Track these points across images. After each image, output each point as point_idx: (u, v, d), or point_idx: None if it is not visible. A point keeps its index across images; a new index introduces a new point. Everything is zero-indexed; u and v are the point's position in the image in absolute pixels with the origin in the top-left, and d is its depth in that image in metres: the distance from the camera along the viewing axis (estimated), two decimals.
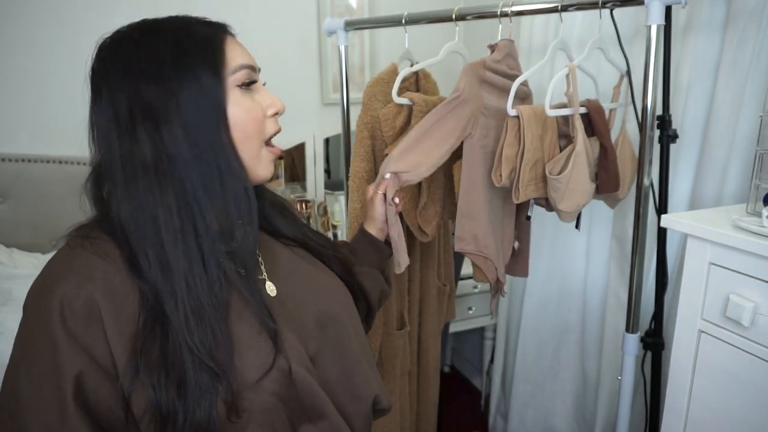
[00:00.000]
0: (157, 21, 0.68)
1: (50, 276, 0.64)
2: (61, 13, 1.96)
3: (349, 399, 0.76)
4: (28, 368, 0.61)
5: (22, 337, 0.63)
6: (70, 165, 2.06)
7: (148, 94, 0.63)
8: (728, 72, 1.25)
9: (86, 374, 0.60)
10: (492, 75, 1.16)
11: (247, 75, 0.69)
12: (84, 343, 0.60)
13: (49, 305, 0.60)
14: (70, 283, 0.61)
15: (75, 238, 0.66)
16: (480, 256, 1.21)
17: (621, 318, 1.56)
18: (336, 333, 0.77)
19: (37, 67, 1.98)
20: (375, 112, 1.27)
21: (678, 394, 1.04)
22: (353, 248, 1.08)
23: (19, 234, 2.04)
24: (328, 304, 0.80)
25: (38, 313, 0.62)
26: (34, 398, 0.59)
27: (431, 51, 1.29)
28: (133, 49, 0.65)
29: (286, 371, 0.66)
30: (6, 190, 2.02)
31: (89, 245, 0.64)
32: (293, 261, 0.83)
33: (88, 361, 0.60)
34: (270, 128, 0.73)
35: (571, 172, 1.11)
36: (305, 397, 0.68)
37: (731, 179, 1.25)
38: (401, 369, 1.48)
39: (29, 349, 0.61)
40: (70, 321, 0.59)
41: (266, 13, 2.21)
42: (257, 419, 0.65)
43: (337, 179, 2.35)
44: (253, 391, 0.64)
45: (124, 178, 0.63)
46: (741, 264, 0.90)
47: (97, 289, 0.61)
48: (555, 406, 1.93)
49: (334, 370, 0.75)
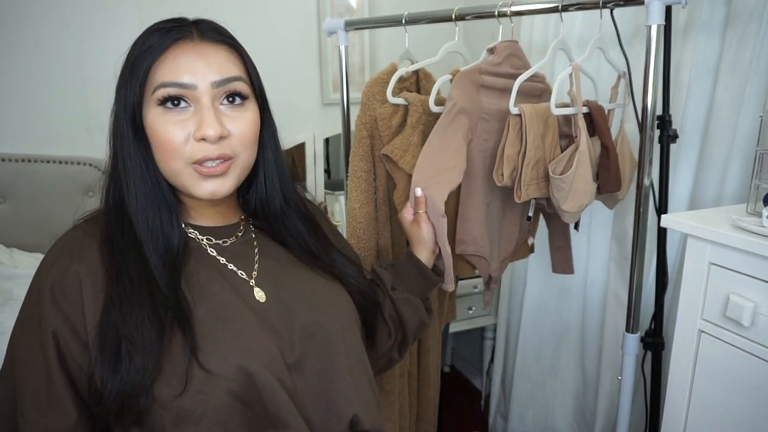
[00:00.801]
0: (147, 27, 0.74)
1: (52, 254, 0.72)
2: (63, 13, 1.96)
3: (322, 414, 0.74)
4: (21, 336, 0.70)
5: (22, 308, 0.71)
6: (70, 165, 2.06)
7: (115, 100, 0.73)
8: (728, 72, 1.25)
9: (59, 331, 0.66)
10: (491, 78, 1.16)
11: (164, 93, 0.69)
12: (66, 312, 0.66)
13: (44, 282, 0.68)
14: (64, 263, 0.69)
15: (81, 221, 0.76)
16: (477, 255, 1.22)
17: (621, 318, 1.56)
18: (322, 344, 0.76)
19: (37, 67, 1.98)
20: (373, 112, 1.27)
21: (678, 394, 1.04)
22: (399, 272, 1.04)
23: (19, 234, 2.04)
24: (319, 314, 0.78)
25: (35, 289, 0.70)
26: (26, 363, 0.68)
27: (431, 51, 1.29)
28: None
29: (249, 374, 0.67)
30: (6, 190, 2.02)
31: (87, 227, 0.74)
32: (294, 269, 0.83)
33: (63, 322, 0.66)
34: (195, 152, 0.70)
35: (575, 171, 1.11)
36: (268, 404, 0.68)
37: (731, 179, 1.25)
38: (401, 369, 1.48)
39: (23, 317, 0.70)
40: (58, 296, 0.67)
41: (266, 13, 2.21)
42: (210, 416, 0.65)
43: (337, 179, 2.35)
44: (208, 386, 0.65)
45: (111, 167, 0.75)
46: (741, 264, 0.90)
47: (83, 267, 0.68)
48: (555, 405, 1.93)
49: (313, 382, 0.74)
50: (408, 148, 1.23)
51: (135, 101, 0.70)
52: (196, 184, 0.72)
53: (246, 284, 0.77)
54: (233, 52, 0.74)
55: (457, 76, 1.13)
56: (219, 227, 0.81)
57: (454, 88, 1.12)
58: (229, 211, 0.83)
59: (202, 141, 0.69)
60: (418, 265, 1.03)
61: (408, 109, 1.26)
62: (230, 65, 0.72)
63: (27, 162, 2.02)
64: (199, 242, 0.78)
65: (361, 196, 1.27)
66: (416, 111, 1.23)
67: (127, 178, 0.72)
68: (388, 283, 1.00)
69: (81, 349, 0.66)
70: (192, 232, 0.78)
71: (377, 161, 1.30)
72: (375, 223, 1.32)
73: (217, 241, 0.80)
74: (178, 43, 0.70)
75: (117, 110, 0.73)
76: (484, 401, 2.36)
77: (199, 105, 0.70)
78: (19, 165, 2.01)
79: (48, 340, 0.66)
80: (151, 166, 0.73)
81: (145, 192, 0.72)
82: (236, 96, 0.72)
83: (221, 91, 0.71)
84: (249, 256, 0.81)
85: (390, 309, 0.99)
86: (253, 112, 0.75)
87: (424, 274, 1.03)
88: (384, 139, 1.27)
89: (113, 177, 0.74)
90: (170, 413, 0.64)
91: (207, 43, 0.72)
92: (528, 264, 1.89)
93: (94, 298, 0.67)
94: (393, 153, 1.23)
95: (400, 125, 1.28)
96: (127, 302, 0.66)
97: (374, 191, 1.32)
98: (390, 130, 1.26)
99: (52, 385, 0.66)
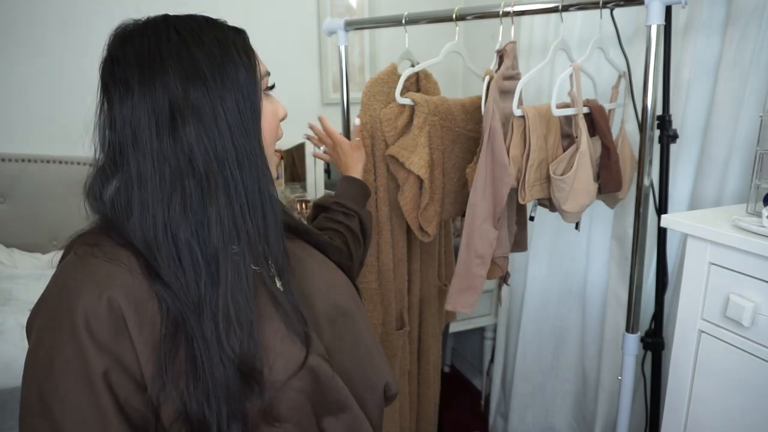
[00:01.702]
0: (189, 19, 0.66)
1: (67, 290, 0.59)
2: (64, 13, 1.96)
3: (364, 389, 0.76)
4: (57, 384, 0.56)
5: (45, 351, 0.57)
6: (70, 165, 2.06)
7: (195, 94, 0.61)
8: (728, 72, 1.25)
9: (111, 372, 0.57)
10: (507, 83, 1.16)
11: (268, 80, 0.72)
12: (112, 350, 0.57)
13: (74, 320, 0.56)
14: (92, 294, 0.57)
15: (82, 247, 0.61)
16: (503, 257, 1.25)
17: (621, 318, 1.56)
18: (346, 324, 0.78)
19: (38, 67, 1.98)
20: (374, 112, 1.27)
21: (678, 394, 1.04)
22: (344, 193, 1.14)
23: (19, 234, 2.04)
24: (336, 296, 0.80)
25: (61, 330, 0.57)
26: (71, 415, 0.56)
27: (431, 51, 1.29)
28: (170, 46, 0.62)
29: (312, 367, 0.67)
30: (6, 190, 2.02)
31: (100, 253, 0.60)
32: (296, 255, 0.82)
33: (113, 362, 0.57)
34: (280, 133, 0.75)
35: (576, 172, 1.11)
36: (328, 391, 0.68)
37: (731, 179, 1.25)
38: (401, 369, 1.48)
39: (54, 362, 0.57)
40: (97, 332, 0.56)
41: (266, 13, 2.21)
42: (284, 415, 0.65)
43: (336, 179, 2.35)
44: (281, 390, 0.64)
45: (159, 180, 0.60)
46: (741, 264, 0.90)
47: (118, 294, 0.58)
48: (555, 405, 1.93)
49: (348, 361, 0.75)
50: (415, 149, 1.23)
51: (255, 87, 0.67)
52: (274, 169, 0.74)
53: (267, 273, 0.74)
54: None
55: (491, 94, 1.13)
56: None
57: (489, 111, 1.13)
58: None
59: (281, 121, 0.75)
60: (359, 183, 1.18)
61: (414, 109, 1.25)
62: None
63: (27, 162, 2.02)
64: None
65: None
66: (422, 112, 1.23)
67: (243, 176, 0.64)
68: (354, 207, 1.12)
69: (135, 388, 0.58)
70: None
71: (377, 161, 1.30)
72: (376, 223, 1.32)
73: None
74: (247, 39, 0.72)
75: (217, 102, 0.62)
76: (484, 401, 2.36)
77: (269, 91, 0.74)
78: (19, 165, 2.02)
79: (98, 385, 0.56)
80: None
81: (271, 193, 0.68)
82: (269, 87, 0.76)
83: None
84: None
85: (357, 226, 1.11)
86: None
87: (364, 189, 1.19)
88: (388, 139, 1.26)
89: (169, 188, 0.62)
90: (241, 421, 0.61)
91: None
92: (528, 264, 1.89)
93: (141, 329, 0.58)
94: (399, 154, 1.23)
95: (405, 126, 1.27)
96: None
97: (374, 191, 1.32)
98: (395, 131, 1.26)
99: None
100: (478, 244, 1.17)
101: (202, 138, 0.61)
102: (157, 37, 0.63)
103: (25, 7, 1.94)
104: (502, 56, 1.16)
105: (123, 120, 0.61)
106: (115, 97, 0.62)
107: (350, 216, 1.10)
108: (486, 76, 1.15)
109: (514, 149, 1.12)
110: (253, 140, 0.65)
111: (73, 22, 1.98)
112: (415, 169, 1.22)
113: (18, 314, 1.60)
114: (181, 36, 0.63)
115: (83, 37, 1.97)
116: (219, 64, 0.63)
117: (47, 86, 2.01)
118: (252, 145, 0.65)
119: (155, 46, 0.62)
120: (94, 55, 0.68)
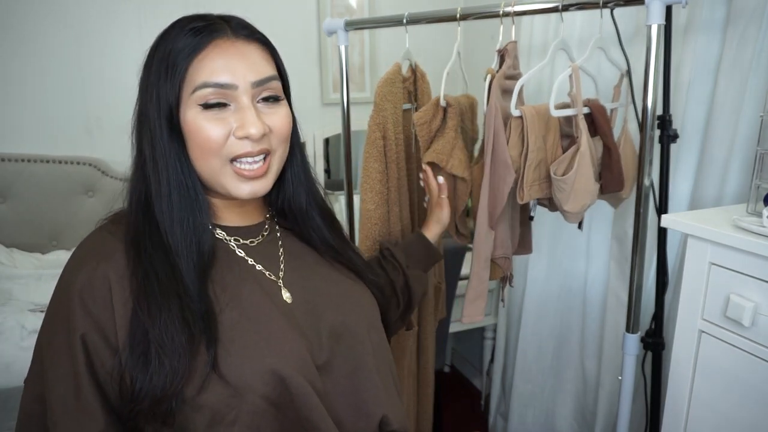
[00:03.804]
0: (172, 23, 0.72)
1: (78, 255, 0.71)
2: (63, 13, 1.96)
3: (352, 415, 0.74)
4: (48, 340, 0.68)
5: (49, 310, 0.70)
6: (70, 165, 2.06)
7: (141, 99, 0.71)
8: (728, 72, 1.25)
9: (88, 336, 0.65)
10: (509, 82, 1.16)
11: (209, 95, 0.68)
12: (95, 316, 0.65)
13: (72, 284, 0.67)
14: (91, 264, 0.67)
15: (105, 222, 0.74)
16: (504, 257, 1.25)
17: (621, 318, 1.56)
18: (350, 345, 0.77)
19: (38, 67, 1.98)
20: (386, 113, 1.27)
21: (678, 394, 1.04)
22: (407, 248, 1.12)
23: (19, 234, 2.04)
24: (346, 314, 0.78)
25: (62, 291, 0.68)
26: (53, 368, 0.66)
27: (431, 51, 1.29)
28: (148, 52, 0.72)
29: (282, 378, 0.66)
30: (6, 190, 2.02)
31: (112, 227, 0.72)
32: (319, 268, 0.82)
33: (93, 326, 0.65)
34: (235, 149, 0.70)
35: (577, 172, 1.11)
36: (301, 407, 0.68)
37: (731, 179, 1.25)
38: (408, 370, 1.48)
39: (50, 320, 0.69)
40: (87, 300, 0.66)
41: (266, 13, 2.21)
42: (243, 420, 0.65)
43: (337, 179, 2.35)
44: (241, 390, 0.65)
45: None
46: (741, 264, 0.90)
47: (111, 270, 0.67)
48: (555, 405, 1.93)
49: (343, 383, 0.74)
50: (452, 152, 1.22)
51: (172, 100, 0.68)
52: (236, 184, 0.72)
53: (274, 285, 0.76)
54: (266, 50, 0.76)
55: (493, 95, 1.13)
56: (246, 227, 0.80)
57: (490, 114, 1.12)
58: (255, 211, 0.83)
59: (245, 139, 0.70)
60: (426, 243, 1.15)
61: (446, 111, 1.25)
62: (266, 64, 0.74)
63: (27, 162, 2.02)
64: (227, 243, 0.77)
65: (376, 197, 1.26)
66: (456, 113, 1.23)
67: (159, 179, 0.69)
68: (403, 261, 1.09)
69: (110, 353, 0.65)
70: (219, 233, 0.77)
71: (389, 162, 1.29)
72: (388, 224, 1.32)
73: (245, 241, 0.79)
74: (216, 42, 0.70)
75: (147, 109, 0.70)
76: (484, 401, 2.36)
77: (239, 104, 0.70)
78: (19, 165, 2.01)
79: (76, 345, 0.65)
80: (186, 166, 0.71)
81: (180, 193, 0.70)
82: (273, 96, 0.73)
83: (259, 91, 0.72)
84: (275, 256, 0.80)
85: (402, 284, 1.07)
86: (286, 107, 0.77)
87: (430, 251, 1.16)
88: (423, 143, 1.25)
89: (139, 178, 0.72)
90: (202, 416, 0.64)
91: (242, 41, 0.72)
92: (528, 264, 1.89)
93: (124, 302, 0.66)
94: (439, 159, 1.22)
95: (438, 128, 1.27)
96: (156, 306, 0.65)
97: (386, 192, 1.31)
98: (429, 135, 1.25)
99: (80, 390, 0.65)
100: (481, 247, 1.17)
101: (141, 138, 0.72)
102: (151, 49, 0.73)
103: (25, 7, 1.94)
104: (504, 56, 1.16)
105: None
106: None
107: (396, 270, 1.07)
108: (488, 75, 1.15)
109: (512, 149, 1.12)
110: (164, 143, 0.69)
111: (73, 22, 1.98)
112: (457, 171, 1.21)
113: (18, 314, 1.60)
114: (154, 48, 0.72)
115: (83, 37, 1.97)
116: (153, 70, 0.70)
117: (47, 86, 2.01)
118: (163, 147, 0.70)
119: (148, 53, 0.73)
120: (94, 55, 0.69)
